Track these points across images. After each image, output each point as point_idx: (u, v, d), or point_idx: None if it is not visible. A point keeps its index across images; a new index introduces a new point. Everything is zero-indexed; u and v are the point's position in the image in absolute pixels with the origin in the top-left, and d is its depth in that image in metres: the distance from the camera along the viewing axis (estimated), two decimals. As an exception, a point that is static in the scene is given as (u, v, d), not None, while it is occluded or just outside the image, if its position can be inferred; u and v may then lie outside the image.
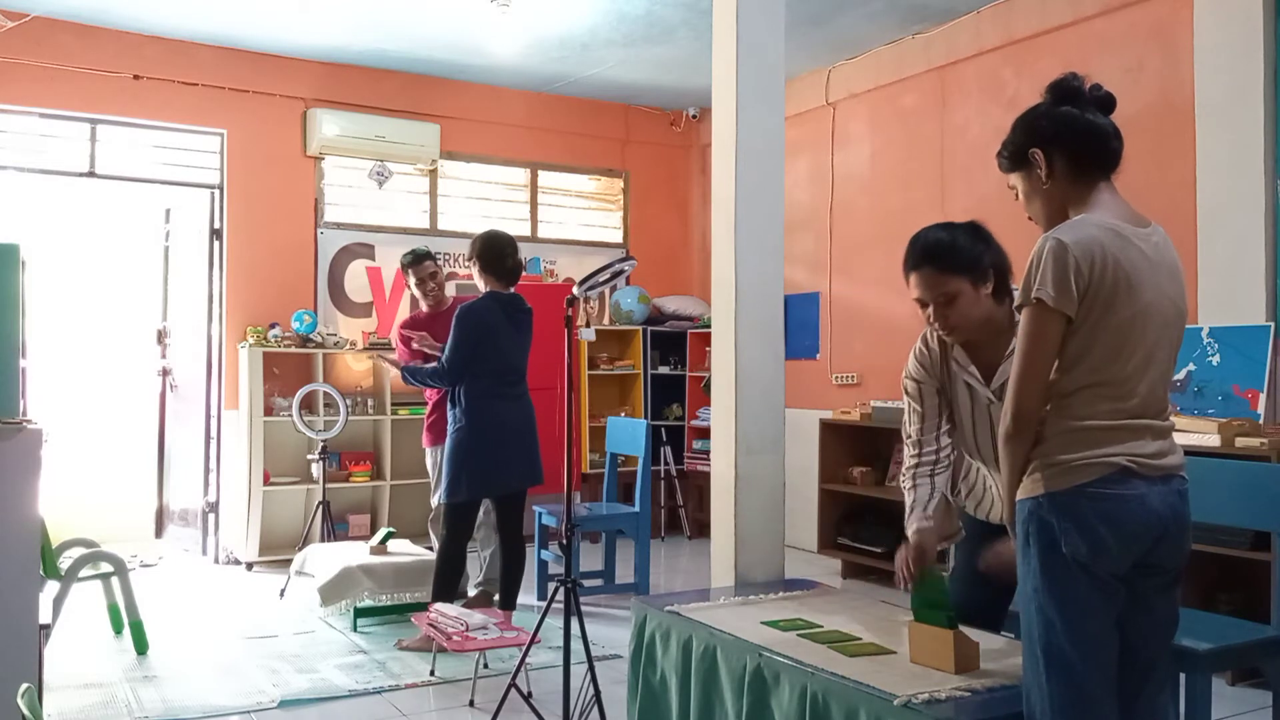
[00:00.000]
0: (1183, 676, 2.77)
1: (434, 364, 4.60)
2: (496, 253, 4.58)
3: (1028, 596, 2.04)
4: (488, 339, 4.46)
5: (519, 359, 4.63)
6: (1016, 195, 2.23)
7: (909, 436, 2.71)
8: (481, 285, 4.61)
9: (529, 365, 4.71)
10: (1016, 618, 2.67)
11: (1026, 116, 2.19)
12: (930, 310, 2.51)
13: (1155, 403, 2.04)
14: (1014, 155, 2.18)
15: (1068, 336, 1.99)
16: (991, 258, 2.50)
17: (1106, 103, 2.14)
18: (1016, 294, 2.08)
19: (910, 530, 2.62)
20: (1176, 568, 2.08)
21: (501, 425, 4.50)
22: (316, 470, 6.16)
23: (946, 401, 2.66)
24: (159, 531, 7.11)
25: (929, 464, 2.66)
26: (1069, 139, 2.10)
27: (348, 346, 6.74)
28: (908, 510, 2.66)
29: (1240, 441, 4.04)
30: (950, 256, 2.47)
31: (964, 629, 2.38)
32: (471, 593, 5.16)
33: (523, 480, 4.63)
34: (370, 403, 6.75)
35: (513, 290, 4.64)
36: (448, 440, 4.55)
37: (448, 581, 4.54)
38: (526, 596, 5.47)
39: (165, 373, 7.13)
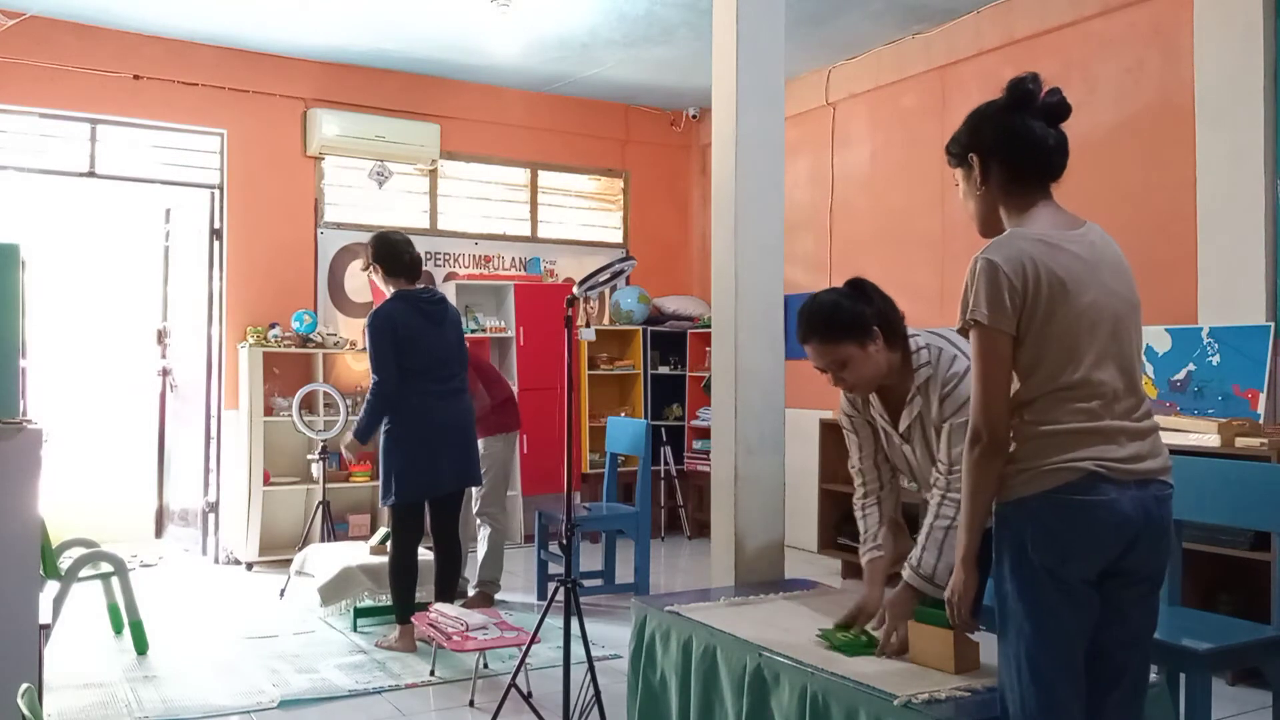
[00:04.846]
0: (1183, 676, 2.77)
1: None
2: (392, 251, 4.51)
3: (999, 600, 2.04)
4: (405, 339, 4.36)
5: (446, 354, 4.50)
6: (957, 187, 2.22)
7: (853, 466, 2.85)
8: (388, 290, 4.53)
9: (534, 369, 4.65)
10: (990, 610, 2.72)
11: (975, 116, 2.19)
12: (829, 376, 2.63)
13: (1123, 400, 2.00)
14: (958, 154, 2.19)
15: (1017, 349, 1.99)
16: (875, 314, 2.57)
17: (1056, 112, 2.10)
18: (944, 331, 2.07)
19: (864, 560, 2.77)
20: (1153, 576, 2.05)
21: (432, 424, 4.39)
22: (316, 470, 6.17)
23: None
24: (159, 531, 7.11)
25: (874, 491, 2.80)
26: (1006, 150, 2.10)
27: (348, 346, 6.74)
28: (860, 541, 2.81)
29: (1240, 441, 4.04)
30: (831, 326, 2.58)
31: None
32: (471, 593, 5.16)
33: (456, 481, 4.53)
34: (370, 403, 6.74)
35: (419, 285, 4.56)
36: (380, 441, 4.47)
37: (399, 587, 4.46)
38: (527, 596, 5.49)
39: (165, 373, 7.13)
